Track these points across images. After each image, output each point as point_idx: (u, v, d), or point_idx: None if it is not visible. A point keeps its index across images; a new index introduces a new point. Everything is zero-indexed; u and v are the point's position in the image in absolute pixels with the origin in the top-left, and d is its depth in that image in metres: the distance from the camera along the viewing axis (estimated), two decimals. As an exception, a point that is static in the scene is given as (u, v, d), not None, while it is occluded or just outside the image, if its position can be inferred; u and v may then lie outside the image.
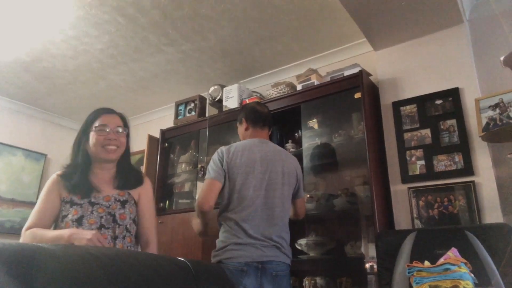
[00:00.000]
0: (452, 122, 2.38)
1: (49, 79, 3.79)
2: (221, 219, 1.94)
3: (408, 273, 1.67)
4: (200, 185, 3.38)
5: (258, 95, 3.31)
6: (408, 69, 2.64)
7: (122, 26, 2.93)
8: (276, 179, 1.96)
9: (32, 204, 4.17)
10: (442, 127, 2.40)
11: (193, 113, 3.56)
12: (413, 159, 2.45)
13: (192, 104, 3.59)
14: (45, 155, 4.48)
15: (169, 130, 3.63)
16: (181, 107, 3.66)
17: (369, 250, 2.39)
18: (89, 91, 4.03)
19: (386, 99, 2.66)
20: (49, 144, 4.57)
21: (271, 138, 2.29)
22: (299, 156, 2.88)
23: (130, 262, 0.74)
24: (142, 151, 4.03)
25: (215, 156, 2.02)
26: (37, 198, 4.29)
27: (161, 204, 3.44)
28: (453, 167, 2.30)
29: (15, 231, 4.04)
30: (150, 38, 3.08)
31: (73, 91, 4.05)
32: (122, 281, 0.69)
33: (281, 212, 1.93)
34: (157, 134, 3.68)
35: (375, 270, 2.21)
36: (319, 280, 2.57)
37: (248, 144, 2.05)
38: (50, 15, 2.82)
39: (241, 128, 2.20)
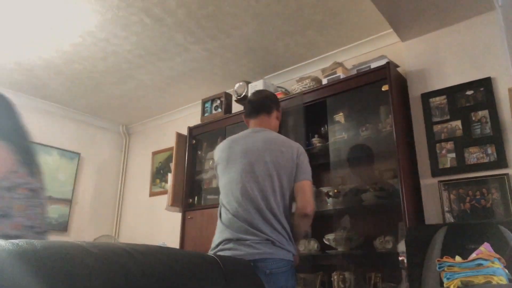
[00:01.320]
0: (484, 113, 2.30)
1: (80, 81, 3.92)
2: (219, 215, 1.91)
3: (439, 268, 1.65)
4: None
5: (284, 90, 3.31)
6: (437, 59, 2.57)
7: (149, 27, 3.00)
8: (262, 170, 1.84)
9: (68, 202, 4.39)
10: (473, 118, 2.33)
11: (219, 110, 3.60)
12: (444, 151, 2.39)
13: (218, 101, 3.63)
14: (79, 154, 4.65)
15: (196, 127, 3.69)
16: (208, 104, 3.71)
17: (399, 245, 2.36)
18: (119, 91, 4.15)
19: (415, 91, 2.60)
20: (82, 143, 4.74)
21: (281, 127, 2.21)
22: (325, 150, 2.88)
23: (160, 257, 0.77)
24: (171, 148, 4.12)
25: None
26: (72, 195, 4.50)
27: (190, 200, 3.51)
28: (486, 160, 2.23)
29: (53, 227, 4.23)
30: (176, 37, 3.13)
31: (104, 91, 4.18)
32: (154, 275, 0.72)
33: (271, 205, 1.79)
34: (185, 132, 3.75)
35: (405, 265, 2.18)
36: (347, 275, 2.56)
37: (236, 138, 2.01)
38: (79, 19, 2.92)
39: (245, 120, 2.15)
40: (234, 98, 3.55)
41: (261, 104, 2.09)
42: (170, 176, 3.75)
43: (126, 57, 3.47)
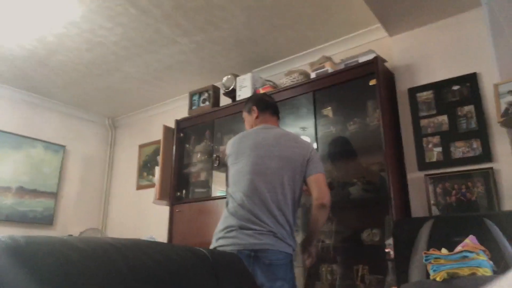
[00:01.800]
0: (470, 108, 2.33)
1: (65, 72, 3.84)
2: (226, 204, 1.96)
3: (425, 260, 1.67)
4: (215, 175, 3.42)
5: (272, 83, 3.30)
6: (424, 54, 2.59)
7: (135, 18, 2.95)
8: (271, 164, 1.89)
9: (53, 195, 4.33)
10: (459, 113, 2.36)
11: (207, 103, 3.57)
12: (430, 146, 2.42)
13: (206, 94, 3.60)
14: (64, 147, 4.58)
15: (184, 120, 3.66)
16: (195, 97, 3.68)
17: (386, 238, 2.39)
18: (104, 83, 4.08)
19: (402, 86, 2.62)
20: (67, 136, 4.66)
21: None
22: (313, 143, 2.89)
23: (148, 252, 0.76)
24: (158, 141, 4.08)
25: None
26: (57, 188, 4.43)
27: (178, 193, 3.49)
28: (471, 154, 2.27)
29: (38, 220, 4.17)
30: (163, 29, 3.09)
31: (89, 84, 4.11)
32: (142, 270, 0.71)
33: (277, 198, 1.84)
34: (172, 125, 3.71)
35: (392, 257, 2.21)
36: (335, 267, 2.59)
37: (247, 132, 2.09)
38: (64, 9, 2.85)
39: (250, 117, 2.19)
40: (222, 91, 3.52)
41: (276, 108, 2.23)
42: (157, 169, 3.72)
43: (112, 49, 3.40)
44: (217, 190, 3.35)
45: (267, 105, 2.19)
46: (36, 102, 4.42)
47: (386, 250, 2.34)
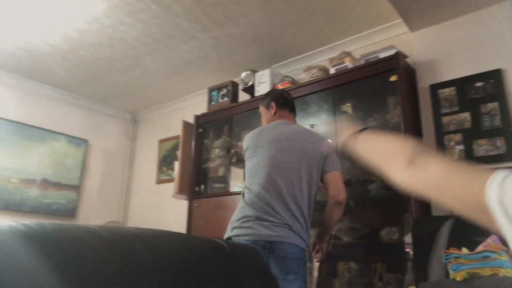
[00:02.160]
0: (493, 105, 2.27)
1: (87, 67, 3.93)
2: (242, 196, 1.98)
3: (445, 259, 1.65)
4: (233, 170, 3.44)
5: (290, 79, 3.29)
6: (446, 50, 2.53)
7: (156, 14, 2.98)
8: (289, 158, 1.91)
9: (75, 188, 4.43)
10: (482, 110, 2.31)
11: (226, 98, 3.59)
12: (452, 143, 2.37)
13: (225, 90, 3.62)
14: (86, 141, 4.68)
15: (203, 115, 3.69)
16: (214, 93, 3.70)
17: (405, 236, 2.36)
18: (125, 78, 4.15)
19: (424, 82, 2.58)
20: (89, 130, 4.76)
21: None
22: (332, 140, 2.87)
23: (169, 242, 0.78)
24: (177, 137, 4.12)
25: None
26: (80, 182, 4.54)
27: (197, 188, 3.52)
28: (495, 152, 2.21)
29: (61, 212, 4.28)
30: (183, 25, 3.11)
31: (110, 78, 4.18)
32: (163, 258, 0.72)
33: (294, 191, 1.85)
34: (191, 120, 3.75)
35: (411, 256, 2.18)
36: (353, 265, 2.57)
37: (266, 127, 2.11)
38: (85, 5, 2.90)
39: (268, 113, 2.19)
40: (240, 87, 3.54)
41: (294, 105, 2.23)
42: (176, 164, 3.77)
43: (133, 44, 3.46)
44: (235, 185, 3.37)
45: (286, 101, 2.20)
46: (59, 96, 4.53)
47: (406, 249, 2.31)
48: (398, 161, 0.70)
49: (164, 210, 4.40)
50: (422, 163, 0.66)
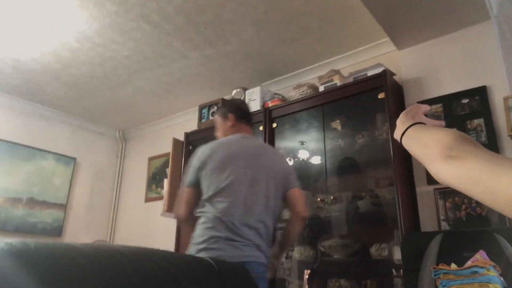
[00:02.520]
0: (479, 121, 2.32)
1: (78, 85, 3.92)
2: (200, 212, 1.89)
3: (434, 275, 1.65)
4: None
5: (280, 97, 3.32)
6: (433, 68, 2.59)
7: (147, 33, 3.01)
8: (257, 174, 1.88)
9: (62, 206, 4.36)
10: (469, 126, 2.35)
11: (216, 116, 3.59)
12: (439, 159, 2.40)
13: (215, 107, 3.64)
14: (75, 159, 4.63)
15: (193, 133, 3.69)
16: (205, 111, 3.71)
17: (395, 252, 2.36)
18: (116, 96, 4.15)
19: (411, 99, 2.62)
20: (78, 148, 4.72)
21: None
22: (322, 157, 2.89)
23: (155, 259, 0.77)
24: (167, 154, 4.11)
25: (192, 160, 2.00)
26: (67, 200, 4.47)
27: (186, 206, 3.49)
28: (481, 168, 2.24)
29: (47, 232, 4.20)
30: (174, 43, 3.15)
31: (101, 97, 4.18)
32: (148, 276, 0.71)
33: (262, 209, 1.84)
34: (181, 137, 3.74)
35: (401, 272, 2.18)
36: (343, 282, 2.56)
37: (227, 140, 2.02)
38: (77, 24, 2.92)
39: (225, 124, 2.13)
40: (231, 104, 3.55)
41: (251, 117, 2.20)
42: (166, 182, 3.74)
43: (124, 63, 3.47)
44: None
45: (244, 114, 2.15)
46: (48, 115, 4.50)
47: (395, 266, 2.31)
48: (435, 152, 0.66)
49: (153, 228, 4.34)
50: (458, 154, 0.61)
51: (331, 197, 2.73)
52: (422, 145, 0.71)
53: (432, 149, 0.66)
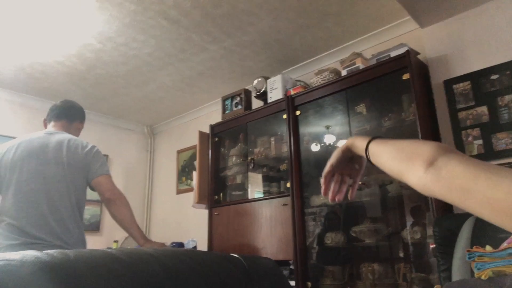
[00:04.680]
0: (511, 97, 2.23)
1: (103, 85, 4.03)
2: None
3: (469, 258, 1.62)
4: (251, 177, 3.47)
5: (302, 83, 3.30)
6: (458, 44, 2.50)
7: (166, 29, 3.05)
8: (54, 171, 1.90)
9: (99, 202, 4.53)
10: (500, 103, 2.27)
11: (239, 106, 3.62)
12: (470, 138, 2.34)
13: (238, 98, 3.66)
14: (107, 156, 4.78)
15: (217, 125, 3.73)
16: (228, 102, 3.74)
17: (427, 235, 2.33)
18: (141, 93, 4.24)
19: (437, 78, 2.55)
20: (109, 146, 4.87)
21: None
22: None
23: (186, 260, 0.80)
24: (195, 146, 4.19)
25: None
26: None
27: (216, 197, 3.56)
28: (515, 145, 2.17)
29: (86, 228, 4.38)
30: (193, 37, 3.17)
31: (126, 94, 4.28)
32: (179, 277, 0.75)
33: (64, 206, 1.89)
34: (207, 129, 3.79)
35: (435, 255, 2.15)
36: (376, 266, 2.55)
37: (25, 139, 1.98)
38: (98, 25, 2.99)
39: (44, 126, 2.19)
40: (253, 94, 3.56)
41: (65, 111, 2.21)
42: (195, 174, 3.82)
43: (146, 60, 3.53)
44: (254, 191, 3.39)
45: (52, 110, 2.20)
46: (79, 115, 4.65)
47: (431, 246, 2.29)
48: (417, 163, 0.62)
49: (186, 219, 4.46)
50: (444, 164, 0.58)
51: (360, 182, 2.71)
52: (404, 157, 0.67)
53: (418, 161, 0.63)
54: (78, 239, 1.96)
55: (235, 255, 0.92)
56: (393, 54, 2.65)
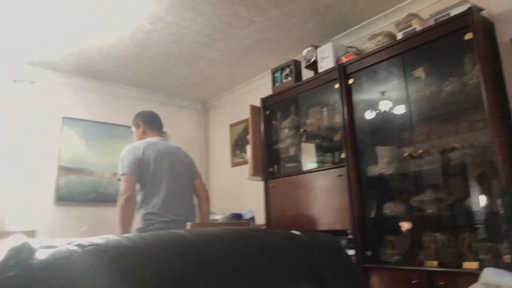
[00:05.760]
0: None
1: (156, 65, 4.15)
2: (142, 203, 2.53)
3: (542, 229, 1.53)
4: (304, 148, 3.46)
5: (355, 50, 3.18)
6: (531, -5, 2.26)
7: (213, 4, 3.04)
8: (181, 168, 2.68)
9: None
10: None
11: (289, 78, 3.58)
12: (543, 100, 2.15)
13: (288, 70, 3.61)
14: (165, 132, 4.98)
15: (268, 98, 3.73)
16: (277, 74, 3.71)
17: (494, 204, 2.22)
18: (192, 70, 4.32)
19: (504, 35, 2.33)
20: (165, 122, 5.02)
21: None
22: (406, 107, 2.75)
23: (250, 240, 0.84)
24: (246, 120, 4.23)
25: (125, 154, 2.61)
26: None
27: (271, 169, 3.61)
28: None
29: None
30: (240, 11, 3.14)
31: (178, 73, 4.39)
32: (242, 255, 0.79)
33: (187, 194, 2.69)
34: (258, 103, 3.81)
35: (503, 224, 2.05)
36: (439, 236, 2.48)
37: (150, 141, 2.70)
38: (148, 5, 3.05)
39: (138, 132, 2.87)
40: (303, 64, 3.50)
41: (161, 123, 3.00)
42: (248, 148, 3.88)
43: (196, 38, 3.57)
44: (307, 163, 3.39)
45: (154, 122, 2.93)
46: (135, 94, 4.87)
47: (497, 217, 2.18)
48: None
49: (243, 191, 4.58)
50: None
51: (419, 151, 2.61)
52: None
53: None
54: (194, 215, 2.75)
55: (296, 232, 0.94)
56: (453, 12, 2.45)
